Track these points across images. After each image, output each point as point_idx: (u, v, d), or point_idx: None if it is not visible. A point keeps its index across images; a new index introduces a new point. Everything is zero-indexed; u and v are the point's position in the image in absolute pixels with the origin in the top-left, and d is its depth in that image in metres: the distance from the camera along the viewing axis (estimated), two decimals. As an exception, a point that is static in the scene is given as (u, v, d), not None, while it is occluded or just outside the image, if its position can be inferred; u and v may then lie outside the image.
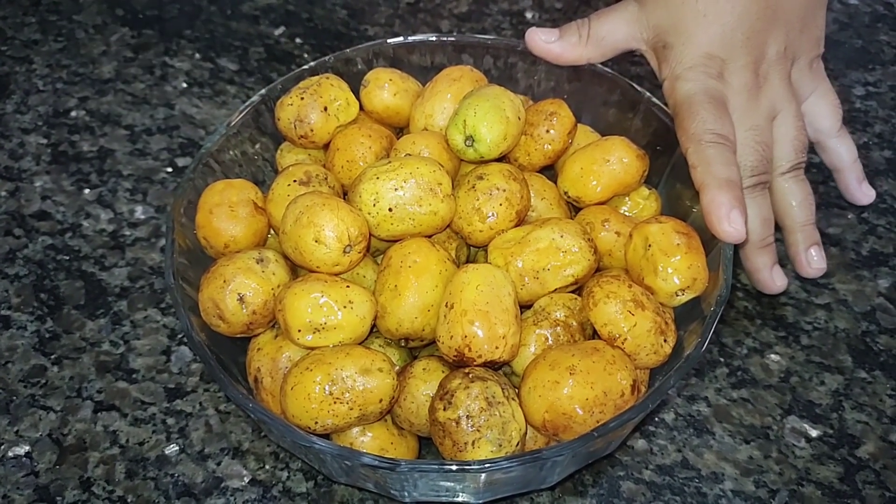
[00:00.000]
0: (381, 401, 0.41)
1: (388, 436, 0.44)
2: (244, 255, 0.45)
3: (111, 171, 0.66)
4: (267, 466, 0.48)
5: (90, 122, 0.70)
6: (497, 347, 0.41)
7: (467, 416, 0.39)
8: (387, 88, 0.53)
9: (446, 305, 0.42)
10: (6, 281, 0.58)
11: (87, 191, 0.64)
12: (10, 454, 0.49)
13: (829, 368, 0.53)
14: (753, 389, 0.52)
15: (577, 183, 0.49)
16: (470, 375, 0.41)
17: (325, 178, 0.49)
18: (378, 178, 0.45)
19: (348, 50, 0.58)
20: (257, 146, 0.56)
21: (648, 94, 0.54)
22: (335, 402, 0.40)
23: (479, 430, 0.39)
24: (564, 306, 0.45)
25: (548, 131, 0.50)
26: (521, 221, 0.48)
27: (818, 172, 0.65)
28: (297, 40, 0.78)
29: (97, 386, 0.52)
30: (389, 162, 0.46)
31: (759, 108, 0.50)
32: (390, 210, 0.45)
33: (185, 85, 0.73)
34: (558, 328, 0.44)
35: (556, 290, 0.45)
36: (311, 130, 0.51)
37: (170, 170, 0.66)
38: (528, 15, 0.80)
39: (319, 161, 0.54)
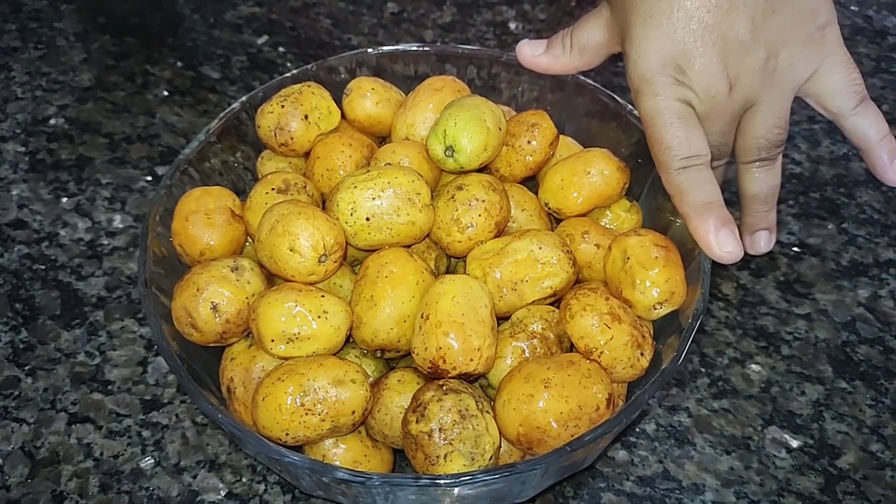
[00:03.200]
0: (353, 412, 0.41)
1: (362, 448, 0.43)
2: (219, 263, 0.45)
3: (90, 180, 0.65)
4: (244, 479, 0.47)
5: (69, 129, 0.69)
6: (472, 359, 0.41)
7: (440, 429, 0.39)
8: (369, 97, 0.53)
9: (422, 316, 0.42)
10: (-20, 291, 0.57)
11: (64, 199, 0.63)
12: (-19, 468, 0.48)
13: (809, 378, 0.53)
14: (734, 400, 0.52)
15: (557, 194, 0.49)
16: (444, 388, 0.40)
17: (304, 187, 0.49)
18: (356, 186, 0.45)
19: (331, 59, 0.57)
20: (237, 154, 0.55)
21: (630, 105, 0.54)
22: (307, 414, 0.40)
23: (451, 444, 0.39)
24: (542, 318, 0.44)
25: (529, 142, 0.50)
26: (500, 232, 0.48)
27: (798, 183, 0.66)
28: (280, 49, 0.77)
29: (71, 398, 0.51)
30: (368, 171, 0.46)
31: (726, 111, 0.46)
32: (368, 219, 0.45)
33: (166, 93, 0.73)
34: (535, 340, 0.44)
35: (534, 301, 0.45)
36: (292, 138, 0.51)
37: (149, 178, 0.65)
38: (512, 25, 0.81)
39: (300, 170, 0.53)
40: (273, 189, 0.48)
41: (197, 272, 0.44)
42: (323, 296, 0.43)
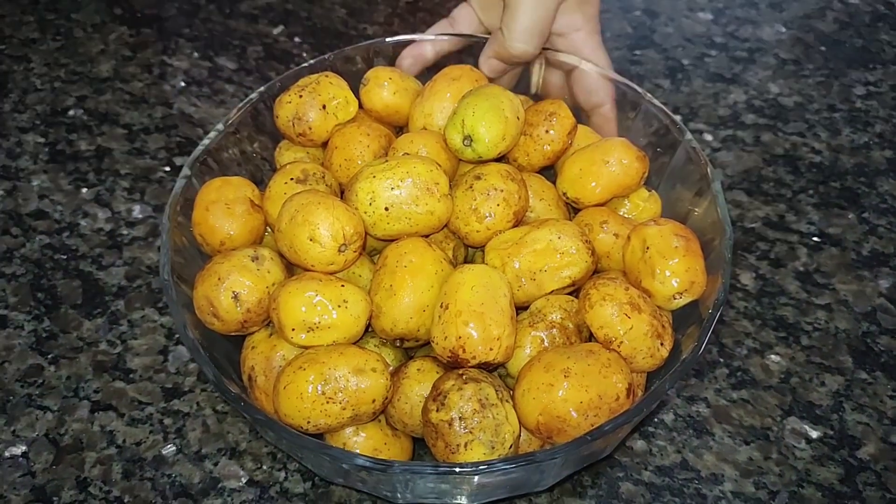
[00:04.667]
0: (374, 401, 0.41)
1: (382, 436, 0.44)
2: (239, 252, 0.45)
3: (109, 170, 0.65)
4: (264, 467, 0.48)
5: (88, 120, 0.69)
6: (491, 349, 0.41)
7: (460, 418, 0.39)
8: (386, 87, 0.53)
9: (441, 306, 0.42)
10: (3, 280, 0.58)
11: (84, 190, 0.64)
12: (7, 454, 0.48)
13: (829, 369, 0.53)
14: (753, 390, 0.52)
15: (576, 184, 0.49)
16: (464, 377, 0.41)
17: (323, 177, 0.49)
18: (375, 176, 0.45)
19: (348, 48, 0.57)
20: (256, 144, 0.55)
21: (649, 94, 0.54)
22: (328, 402, 0.40)
23: (471, 432, 0.39)
24: (561, 308, 0.44)
25: (547, 132, 0.50)
26: (518, 222, 0.48)
27: (818, 172, 0.65)
28: (296, 39, 0.77)
29: (94, 386, 0.52)
30: (387, 161, 0.46)
31: None
32: (386, 209, 0.45)
33: (183, 84, 0.73)
34: (554, 330, 0.44)
35: (552, 291, 0.45)
36: (310, 128, 0.51)
37: (168, 169, 0.66)
38: (528, 14, 0.80)
39: (318, 159, 0.53)
40: (292, 179, 0.48)
41: (218, 262, 0.45)
42: (343, 285, 0.43)
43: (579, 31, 0.55)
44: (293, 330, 0.42)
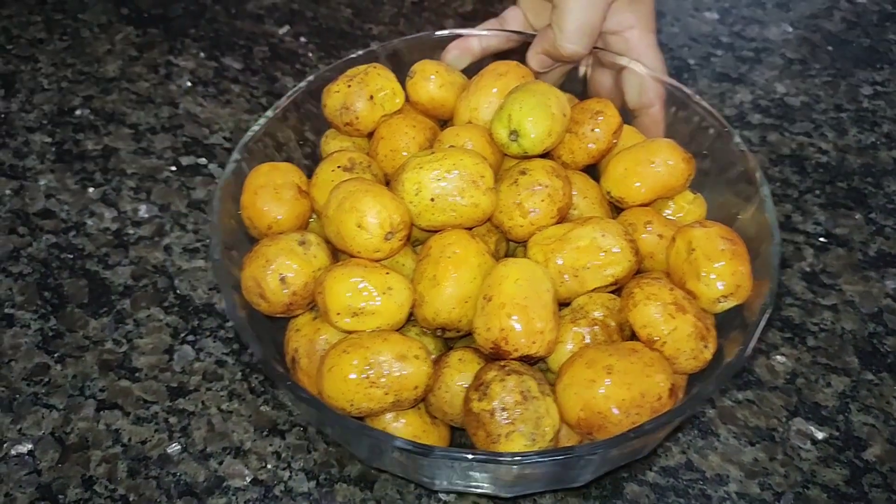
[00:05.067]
0: (416, 388, 0.41)
1: (421, 423, 0.44)
2: (287, 236, 0.46)
3: (115, 170, 0.66)
4: (269, 466, 0.48)
5: (95, 120, 0.70)
6: (534, 342, 0.41)
7: (502, 408, 0.39)
8: (433, 80, 0.53)
9: (485, 298, 0.42)
10: (10, 279, 0.58)
11: (91, 189, 0.64)
12: (13, 452, 0.49)
13: (835, 370, 0.53)
14: (759, 391, 0.51)
15: (620, 183, 0.49)
16: (506, 368, 0.41)
17: (369, 166, 0.49)
18: (421, 167, 0.45)
19: (396, 40, 0.57)
20: (302, 132, 0.55)
21: (697, 96, 0.53)
22: (371, 386, 0.41)
23: (513, 423, 0.39)
24: (603, 306, 0.44)
25: (593, 130, 0.50)
26: (562, 219, 0.47)
27: (825, 172, 0.65)
28: (302, 39, 0.78)
29: (100, 384, 0.52)
30: (434, 152, 0.46)
31: None
32: (432, 200, 0.45)
33: (189, 84, 0.73)
34: (596, 327, 0.44)
35: (594, 289, 0.45)
36: (357, 118, 0.52)
37: (174, 168, 0.66)
38: (534, 14, 0.80)
39: (363, 149, 0.54)
40: (339, 167, 0.49)
41: (266, 244, 0.45)
42: (388, 273, 0.43)
43: (633, 28, 0.55)
44: (338, 314, 0.42)
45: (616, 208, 0.51)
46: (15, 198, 0.64)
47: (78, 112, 0.71)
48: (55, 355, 0.54)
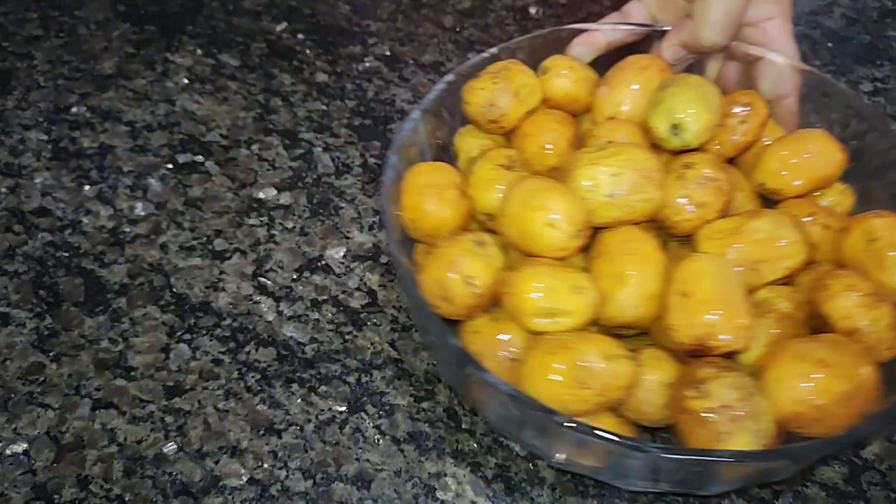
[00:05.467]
0: (624, 387, 0.41)
1: (617, 423, 0.43)
2: (464, 238, 0.45)
3: (111, 168, 0.65)
4: (265, 465, 0.48)
5: (91, 118, 0.69)
6: (738, 338, 0.41)
7: (725, 406, 0.38)
8: (566, 76, 0.53)
9: (682, 294, 0.41)
10: (5, 278, 0.58)
11: (87, 187, 0.64)
12: (8, 452, 0.48)
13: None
14: (758, 389, 0.51)
15: (776, 175, 0.48)
16: (720, 365, 0.40)
17: (524, 164, 0.49)
18: (595, 163, 0.44)
19: (525, 37, 0.57)
20: (439, 131, 0.55)
21: (843, 85, 0.53)
22: (581, 388, 0.40)
23: (736, 421, 0.38)
24: (788, 298, 0.44)
25: (742, 122, 0.50)
26: (725, 213, 0.47)
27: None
28: (300, 36, 0.77)
29: (95, 383, 0.52)
30: (604, 148, 0.45)
31: None
32: (608, 196, 0.44)
33: (186, 81, 0.73)
34: (785, 320, 0.43)
35: (770, 282, 0.44)
36: (502, 115, 0.51)
37: (170, 166, 0.65)
38: (532, 10, 0.80)
39: (501, 146, 0.53)
40: (499, 165, 0.48)
41: (445, 246, 0.44)
42: (575, 272, 0.43)
43: (773, 19, 0.54)
44: (531, 315, 0.42)
45: (767, 201, 0.51)
46: (10, 196, 0.63)
47: (74, 109, 0.70)
48: (50, 354, 0.53)
